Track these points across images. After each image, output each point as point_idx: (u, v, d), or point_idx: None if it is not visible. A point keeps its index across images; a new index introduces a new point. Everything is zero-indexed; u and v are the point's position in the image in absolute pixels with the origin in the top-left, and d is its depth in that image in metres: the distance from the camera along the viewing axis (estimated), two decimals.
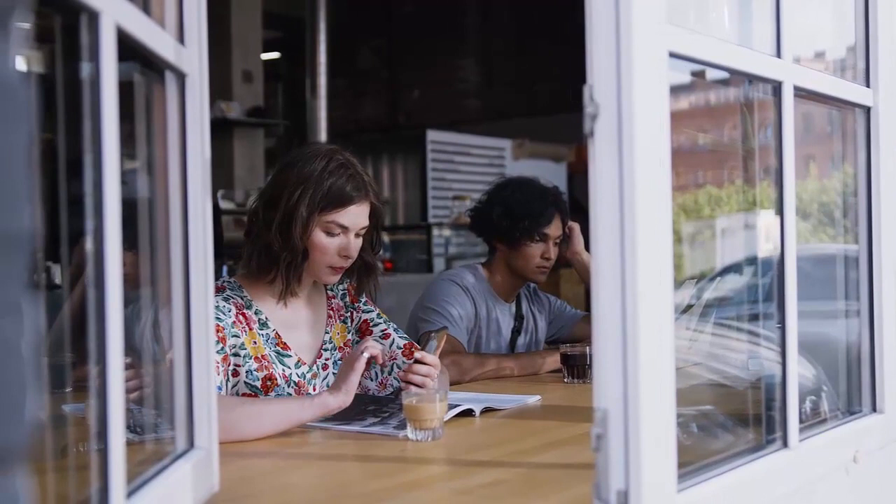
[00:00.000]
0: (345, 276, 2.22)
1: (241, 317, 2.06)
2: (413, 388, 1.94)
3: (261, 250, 2.08)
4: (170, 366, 1.31)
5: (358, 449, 1.76)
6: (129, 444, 1.01)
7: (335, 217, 2.05)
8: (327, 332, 2.21)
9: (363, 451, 1.74)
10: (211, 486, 1.34)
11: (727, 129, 1.92)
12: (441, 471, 1.64)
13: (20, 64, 0.57)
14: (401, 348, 2.24)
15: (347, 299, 2.28)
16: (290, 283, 2.10)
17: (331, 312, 2.24)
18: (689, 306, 1.82)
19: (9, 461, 0.51)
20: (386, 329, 2.26)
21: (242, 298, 2.10)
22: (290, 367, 2.10)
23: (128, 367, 1.27)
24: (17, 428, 0.52)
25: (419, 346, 2.18)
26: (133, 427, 1.29)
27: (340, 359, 2.20)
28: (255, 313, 2.10)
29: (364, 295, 2.30)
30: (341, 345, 2.23)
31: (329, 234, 2.07)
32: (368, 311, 2.28)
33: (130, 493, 1.04)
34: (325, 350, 2.19)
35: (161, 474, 1.18)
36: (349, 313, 2.27)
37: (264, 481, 1.53)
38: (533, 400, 2.26)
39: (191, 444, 1.31)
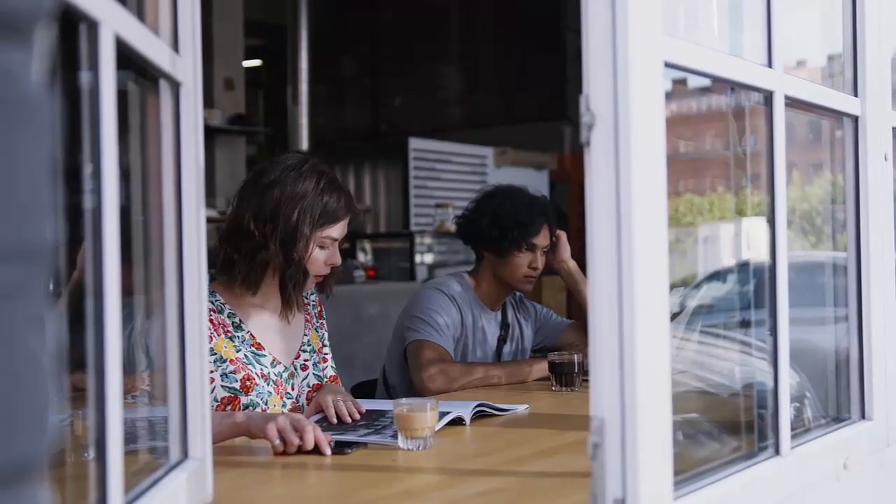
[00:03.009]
0: None
1: (208, 322, 2.09)
2: (403, 399, 1.94)
3: (258, 267, 2.11)
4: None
5: (350, 458, 1.76)
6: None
7: (330, 232, 2.15)
8: (306, 335, 2.28)
9: (355, 460, 1.74)
10: (205, 496, 1.34)
11: (709, 138, 1.93)
12: (435, 480, 1.63)
13: (42, 77, 0.57)
14: (326, 378, 2.31)
15: (315, 311, 2.36)
16: (295, 299, 2.16)
17: (307, 317, 2.32)
18: (675, 314, 1.83)
19: (33, 474, 0.51)
20: (328, 354, 2.36)
21: (213, 303, 2.13)
22: (266, 367, 2.14)
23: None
24: (41, 441, 0.52)
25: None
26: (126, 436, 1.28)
27: (318, 362, 2.28)
28: (229, 317, 2.14)
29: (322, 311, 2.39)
30: (317, 349, 2.31)
31: (322, 247, 2.15)
32: (325, 331, 2.38)
33: None
34: (304, 351, 2.27)
35: (156, 485, 1.17)
36: (318, 324, 2.36)
37: (257, 491, 1.52)
38: (522, 409, 2.25)
39: (185, 454, 1.30)
